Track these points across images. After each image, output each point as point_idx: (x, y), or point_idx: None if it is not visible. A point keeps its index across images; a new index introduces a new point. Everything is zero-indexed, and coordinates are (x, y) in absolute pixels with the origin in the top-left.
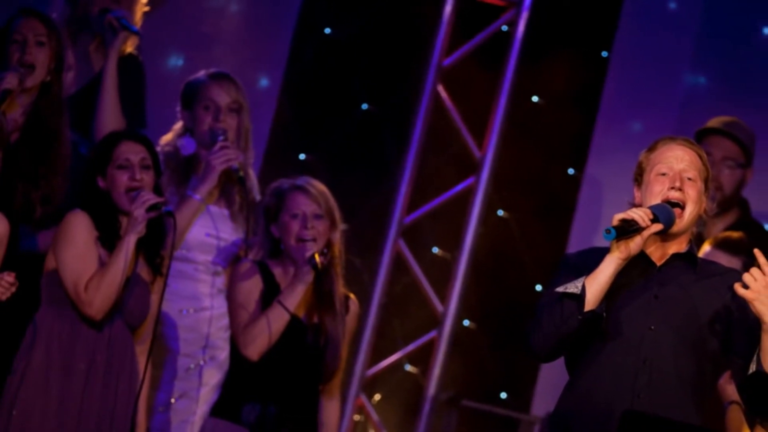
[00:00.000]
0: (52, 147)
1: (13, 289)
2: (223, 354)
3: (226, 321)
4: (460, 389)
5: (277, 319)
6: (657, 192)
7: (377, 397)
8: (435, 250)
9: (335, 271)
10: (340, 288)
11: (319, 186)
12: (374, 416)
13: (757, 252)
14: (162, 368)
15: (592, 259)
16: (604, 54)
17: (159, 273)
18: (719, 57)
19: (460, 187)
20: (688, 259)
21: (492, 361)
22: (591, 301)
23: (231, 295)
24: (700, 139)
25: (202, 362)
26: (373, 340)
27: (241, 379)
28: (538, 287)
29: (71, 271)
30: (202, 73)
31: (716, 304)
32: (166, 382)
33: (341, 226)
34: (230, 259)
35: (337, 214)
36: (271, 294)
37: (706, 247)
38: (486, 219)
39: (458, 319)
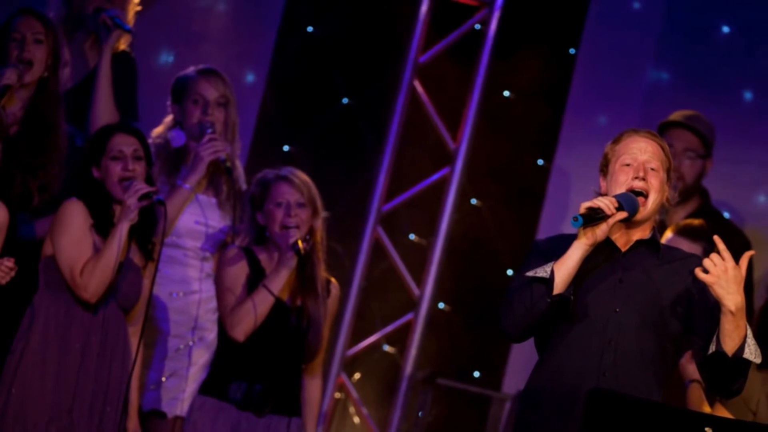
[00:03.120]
0: (50, 139)
1: (13, 273)
2: (211, 335)
3: (214, 304)
4: (435, 368)
5: (262, 302)
6: (622, 182)
7: (357, 375)
8: (412, 236)
9: (317, 256)
10: (322, 272)
11: (302, 176)
12: (354, 394)
13: (716, 238)
14: (153, 348)
15: (560, 245)
16: (572, 51)
17: (150, 258)
18: (681, 54)
19: (435, 177)
20: (651, 245)
21: (466, 341)
22: (559, 284)
23: (219, 279)
24: (662, 131)
25: (191, 343)
26: (353, 322)
27: (228, 358)
28: (510, 272)
29: (67, 256)
30: (191, 69)
31: (678, 288)
32: (157, 361)
33: (323, 214)
34: (218, 245)
35: (319, 203)
36: (256, 278)
37: (668, 234)
38: (460, 207)
39: (434, 301)
